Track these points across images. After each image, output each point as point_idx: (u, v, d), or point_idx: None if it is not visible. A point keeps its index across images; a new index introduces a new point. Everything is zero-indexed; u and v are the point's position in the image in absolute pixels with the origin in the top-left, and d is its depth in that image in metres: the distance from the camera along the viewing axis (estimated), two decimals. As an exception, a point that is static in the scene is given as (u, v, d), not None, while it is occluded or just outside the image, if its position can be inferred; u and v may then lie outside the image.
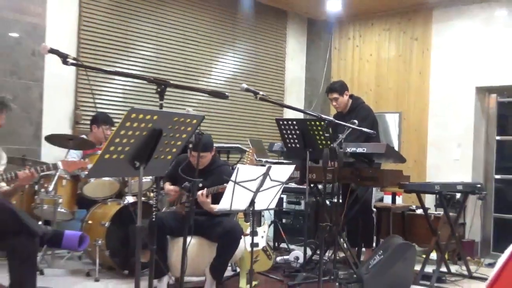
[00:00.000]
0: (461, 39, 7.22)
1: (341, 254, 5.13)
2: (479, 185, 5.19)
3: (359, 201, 5.43)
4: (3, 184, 3.46)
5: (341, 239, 5.03)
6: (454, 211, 5.48)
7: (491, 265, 5.92)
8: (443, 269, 5.13)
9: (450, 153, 7.22)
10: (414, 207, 6.41)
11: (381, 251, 4.76)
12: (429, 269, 5.07)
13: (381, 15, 7.98)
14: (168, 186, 4.43)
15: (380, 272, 4.59)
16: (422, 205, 5.31)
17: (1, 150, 3.63)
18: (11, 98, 5.14)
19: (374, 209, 6.17)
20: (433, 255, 5.36)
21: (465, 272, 5.30)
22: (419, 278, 4.93)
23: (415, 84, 7.63)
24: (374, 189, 5.95)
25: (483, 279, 5.13)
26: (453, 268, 5.45)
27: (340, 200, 5.00)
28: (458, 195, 5.80)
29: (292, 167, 3.58)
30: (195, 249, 4.22)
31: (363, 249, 5.81)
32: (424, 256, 5.23)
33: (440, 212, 6.01)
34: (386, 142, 6.37)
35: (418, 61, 7.63)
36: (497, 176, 7.10)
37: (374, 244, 5.89)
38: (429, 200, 6.71)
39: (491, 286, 1.26)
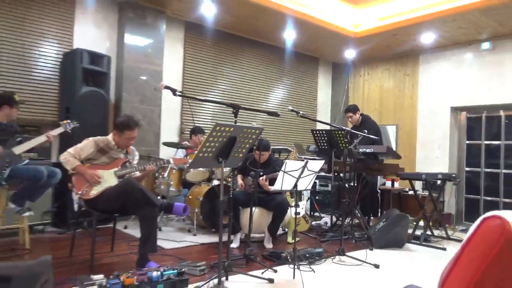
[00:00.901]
0: (440, 74, 6.96)
1: (356, 221, 5.03)
2: (454, 175, 4.96)
3: (368, 185, 5.31)
4: (137, 172, 3.55)
5: (356, 211, 4.92)
6: (436, 192, 5.26)
7: (463, 230, 5.71)
8: (428, 232, 4.93)
9: (433, 152, 6.99)
10: (407, 189, 6.20)
11: (384, 219, 4.64)
12: (418, 232, 4.89)
13: (383, 59, 7.78)
14: (238, 180, 4.45)
15: (384, 233, 4.47)
16: (413, 188, 5.13)
17: (135, 150, 3.73)
18: (141, 118, 5.36)
19: (379, 190, 6.02)
20: (421, 223, 5.16)
21: (444, 235, 5.07)
22: (411, 238, 4.76)
23: (407, 105, 7.39)
24: (378, 177, 5.81)
25: (457, 241, 4.91)
26: (436, 232, 5.22)
27: (355, 184, 4.91)
28: (439, 182, 5.57)
29: (322, 161, 3.54)
30: (258, 216, 4.23)
31: (372, 217, 5.68)
32: (414, 223, 5.04)
33: (426, 193, 5.78)
34: (387, 144, 6.19)
35: (409, 89, 7.39)
36: (467, 169, 6.80)
37: (379, 214, 5.74)
38: (418, 185, 6.49)
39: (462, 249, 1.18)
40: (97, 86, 5.00)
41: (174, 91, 2.86)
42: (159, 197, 4.59)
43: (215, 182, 4.95)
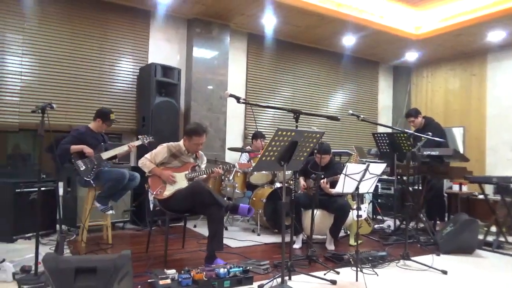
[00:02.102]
0: (509, 73, 6.38)
1: (421, 225, 4.74)
2: (528, 178, 4.50)
3: (433, 188, 4.99)
4: (205, 175, 3.64)
5: (421, 214, 4.64)
6: (509, 197, 4.80)
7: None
8: (501, 239, 4.50)
9: (505, 155, 6.39)
10: (476, 193, 5.74)
11: (452, 224, 4.32)
12: (489, 238, 4.49)
13: (447, 59, 7.30)
14: (301, 181, 4.43)
15: (452, 238, 4.16)
16: (483, 192, 4.72)
17: (204, 155, 3.83)
18: (208, 125, 5.54)
19: (445, 194, 5.64)
20: (492, 229, 4.73)
21: (518, 242, 4.61)
22: (482, 244, 4.37)
23: (474, 106, 6.86)
24: (444, 180, 5.44)
25: (533, 248, 4.43)
26: (510, 239, 4.77)
27: (419, 187, 4.65)
28: (511, 185, 5.09)
29: (384, 165, 3.39)
30: (319, 218, 4.16)
31: (438, 222, 5.32)
32: (485, 229, 4.63)
33: (497, 197, 5.30)
34: (453, 147, 5.79)
35: (476, 89, 6.85)
36: (544, 171, 6.14)
37: (445, 219, 5.37)
38: (488, 189, 5.95)
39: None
40: (169, 96, 5.25)
41: (238, 99, 2.91)
42: (225, 199, 4.68)
43: (278, 185, 4.95)
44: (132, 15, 5.46)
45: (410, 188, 4.57)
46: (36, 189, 3.59)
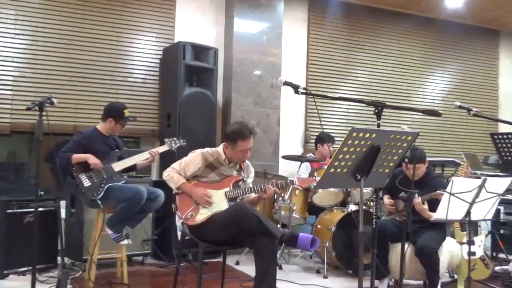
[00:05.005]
0: None
1: None
2: None
3: None
4: (253, 194, 3.65)
5: None
6: None
7: None
8: None
9: None
10: None
11: None
12: None
13: None
14: (386, 200, 4.32)
15: None
16: None
17: (250, 166, 3.85)
18: (255, 124, 5.58)
19: None
20: None
21: None
22: None
23: None
24: None
25: None
26: None
27: None
28: None
29: (509, 179, 3.23)
30: (413, 255, 4.04)
31: None
32: None
33: None
34: None
35: None
36: None
37: None
38: None
39: None
40: (202, 86, 5.37)
41: (296, 88, 2.91)
42: (279, 226, 4.68)
43: (352, 207, 4.88)
44: (154, -21, 5.67)
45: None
46: (33, 209, 3.71)
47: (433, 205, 3.54)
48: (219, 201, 3.54)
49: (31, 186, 4.98)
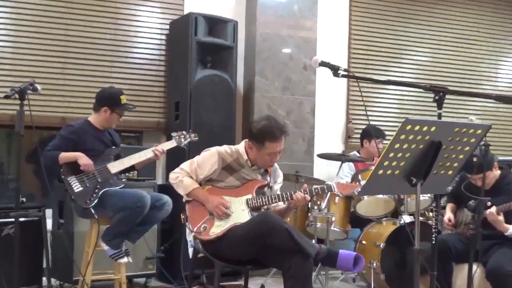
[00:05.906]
0: None
1: None
2: None
3: None
4: (281, 203, 3.65)
5: None
6: None
7: None
8: None
9: None
10: None
11: None
12: None
13: None
14: (446, 214, 4.29)
15: None
16: None
17: (278, 169, 3.85)
18: (284, 115, 5.56)
19: None
20: None
21: None
22: None
23: None
24: None
25: None
26: None
27: None
28: None
29: None
30: (483, 278, 3.99)
31: None
32: None
33: None
34: None
35: None
36: None
37: None
38: None
39: None
40: (218, 68, 5.40)
41: (335, 70, 2.89)
42: (313, 241, 4.68)
43: (406, 219, 4.84)
44: None
45: None
46: (13, 219, 3.74)
47: (510, 216, 3.48)
48: (239, 211, 3.55)
49: (10, 191, 5.05)
